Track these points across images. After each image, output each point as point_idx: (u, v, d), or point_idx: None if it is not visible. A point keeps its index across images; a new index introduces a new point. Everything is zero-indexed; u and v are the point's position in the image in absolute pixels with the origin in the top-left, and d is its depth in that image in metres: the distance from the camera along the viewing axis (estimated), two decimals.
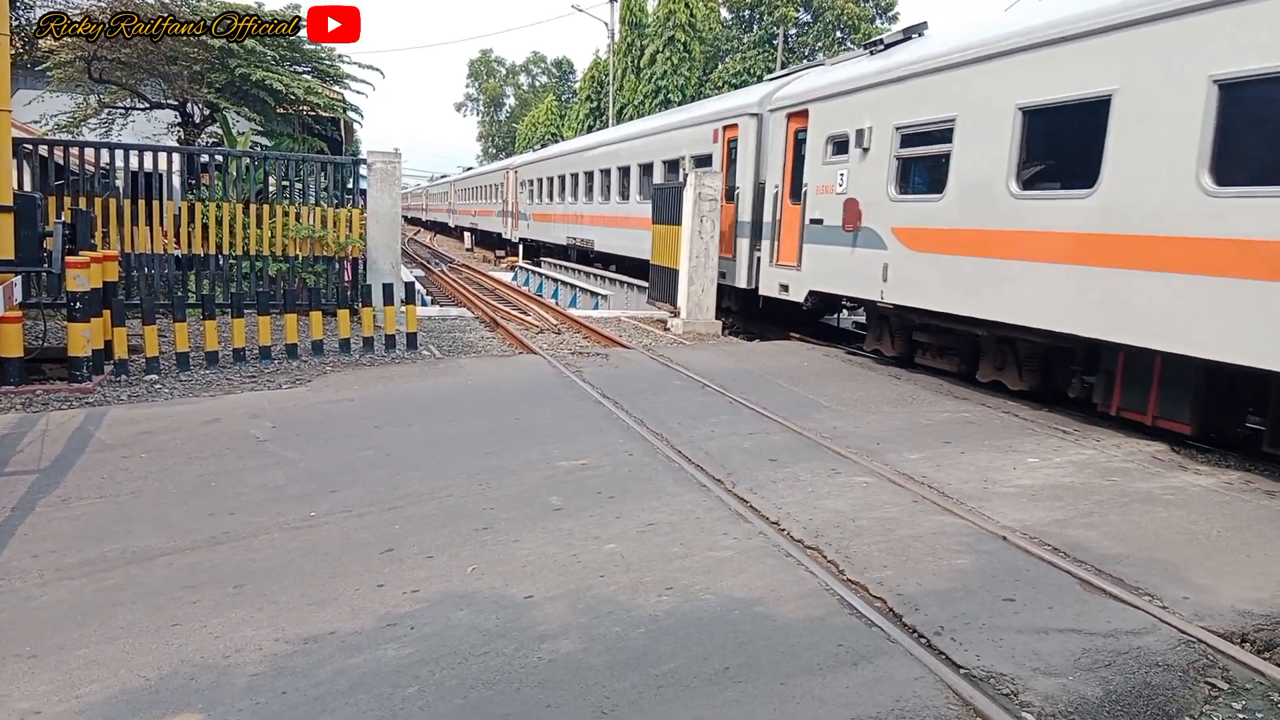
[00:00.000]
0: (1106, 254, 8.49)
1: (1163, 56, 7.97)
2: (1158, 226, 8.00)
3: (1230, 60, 7.37)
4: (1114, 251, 8.41)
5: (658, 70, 39.81)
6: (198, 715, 3.61)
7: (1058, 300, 9.05)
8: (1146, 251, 8.09)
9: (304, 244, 13.76)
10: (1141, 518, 6.29)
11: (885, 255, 11.73)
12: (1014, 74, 9.66)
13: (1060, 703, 3.82)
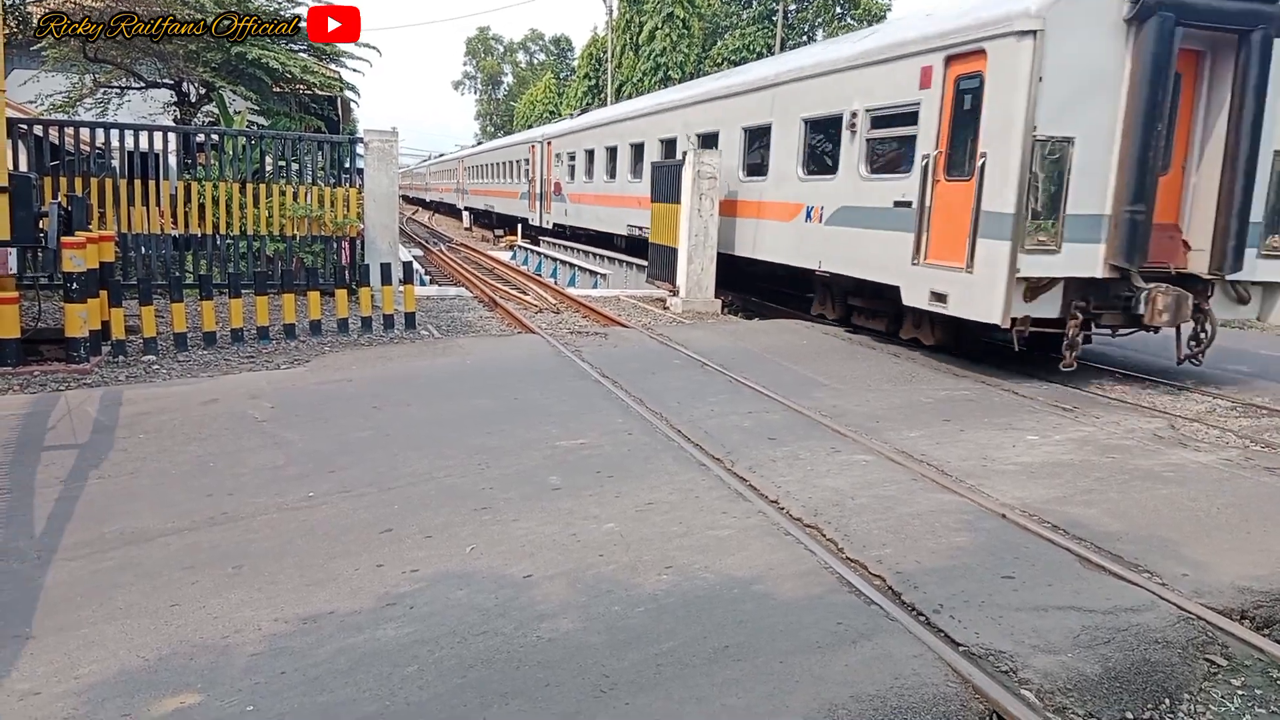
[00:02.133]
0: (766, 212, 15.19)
1: (787, 104, 14.39)
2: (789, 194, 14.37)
3: (809, 108, 13.75)
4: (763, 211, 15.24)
5: (656, 47, 39.56)
6: (197, 695, 3.61)
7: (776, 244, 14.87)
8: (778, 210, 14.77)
9: (301, 224, 13.71)
10: (1141, 495, 6.29)
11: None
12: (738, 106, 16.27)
13: (1059, 680, 3.82)
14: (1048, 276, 9.71)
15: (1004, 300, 9.56)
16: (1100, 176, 9.63)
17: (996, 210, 9.68)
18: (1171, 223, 10.20)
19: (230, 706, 3.53)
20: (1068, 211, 9.59)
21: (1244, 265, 9.96)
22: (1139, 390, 9.92)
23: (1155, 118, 9.37)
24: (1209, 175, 10.05)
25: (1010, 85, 9.61)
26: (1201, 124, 10.19)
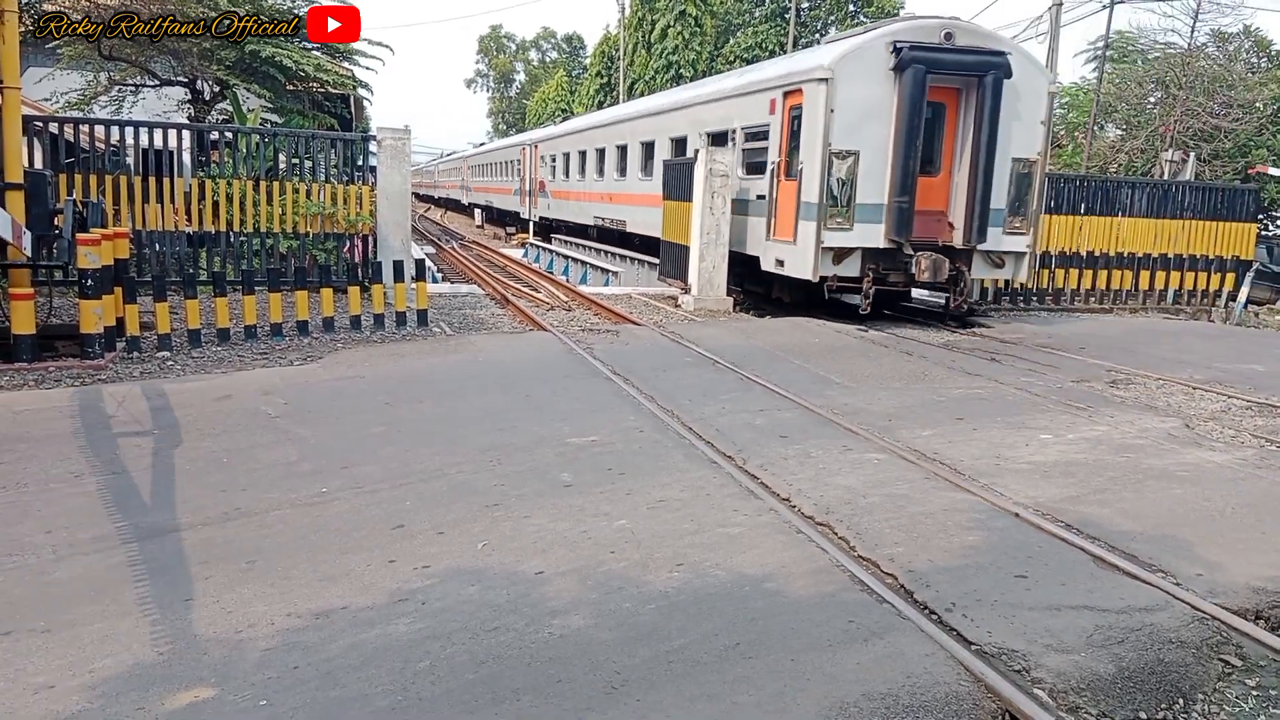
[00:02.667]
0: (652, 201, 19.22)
1: (695, 122, 18.50)
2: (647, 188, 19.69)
3: (709, 125, 17.69)
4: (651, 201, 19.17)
5: (669, 45, 39.49)
6: (210, 690, 3.63)
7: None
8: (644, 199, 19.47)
9: (314, 221, 13.74)
10: (1155, 494, 6.26)
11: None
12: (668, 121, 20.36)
13: (1072, 679, 3.81)
14: (846, 246, 13.89)
15: (814, 263, 13.81)
16: (879, 177, 13.67)
17: (809, 201, 13.85)
18: (941, 210, 14.29)
19: (244, 701, 3.55)
20: (857, 201, 13.69)
21: (990, 240, 14.12)
22: (1153, 390, 9.87)
23: (914, 136, 13.42)
24: (965, 176, 13.97)
25: (815, 114, 13.73)
26: (960, 139, 14.15)
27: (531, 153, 34.15)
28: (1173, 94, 28.47)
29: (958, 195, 14.16)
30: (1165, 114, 28.62)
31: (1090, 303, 17.75)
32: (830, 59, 13.74)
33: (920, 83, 13.25)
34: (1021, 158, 14.37)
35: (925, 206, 14.02)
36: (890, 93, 13.58)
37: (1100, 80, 29.96)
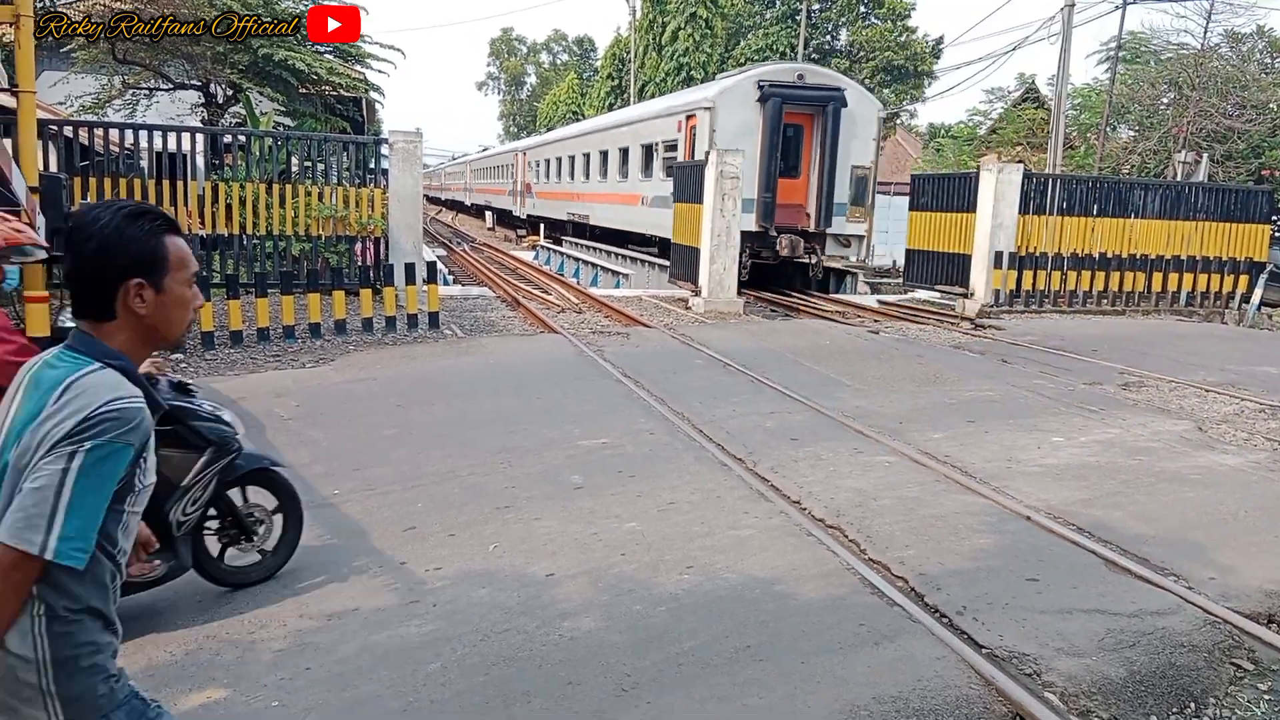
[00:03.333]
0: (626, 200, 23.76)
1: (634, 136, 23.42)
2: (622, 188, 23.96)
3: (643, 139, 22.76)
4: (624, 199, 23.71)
5: (680, 47, 39.47)
6: (223, 691, 3.65)
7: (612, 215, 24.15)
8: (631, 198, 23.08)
9: (326, 224, 13.79)
10: (1167, 498, 6.23)
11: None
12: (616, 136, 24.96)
13: (1084, 683, 3.80)
14: None
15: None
16: (750, 179, 17.59)
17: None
18: (800, 203, 19.12)
19: (256, 701, 3.57)
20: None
21: (836, 226, 19.01)
22: (1165, 392, 9.82)
23: (775, 149, 18.38)
24: (817, 178, 18.90)
25: (703, 132, 18.72)
26: (814, 151, 19.02)
27: (521, 158, 38.86)
28: (1186, 95, 28.33)
29: (812, 192, 19.10)
30: (1178, 115, 28.49)
31: (1102, 305, 17.67)
32: (713, 93, 19.45)
33: (778, 110, 18.36)
34: (859, 165, 19.28)
35: (788, 201, 18.95)
36: (757, 117, 18.63)
37: (1113, 81, 29.85)
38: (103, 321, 1.99)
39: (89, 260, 1.97)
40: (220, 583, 4.61)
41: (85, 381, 1.87)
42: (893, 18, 38.78)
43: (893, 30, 38.29)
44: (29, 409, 1.89)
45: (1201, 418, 8.64)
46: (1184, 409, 9.03)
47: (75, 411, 1.82)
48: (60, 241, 4.45)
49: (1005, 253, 16.44)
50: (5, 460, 1.88)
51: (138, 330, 2.01)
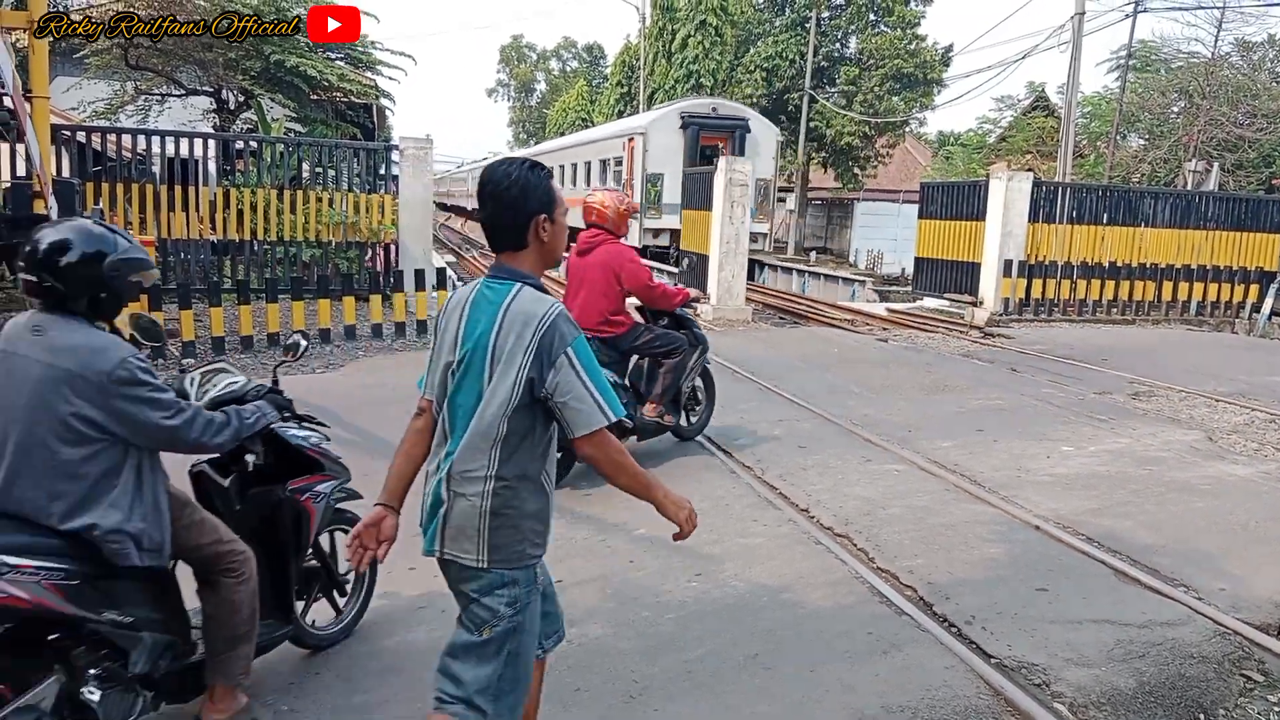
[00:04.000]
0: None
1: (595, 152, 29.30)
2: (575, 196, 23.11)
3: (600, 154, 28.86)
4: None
5: (689, 55, 39.46)
6: None
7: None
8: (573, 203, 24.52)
9: (337, 230, 13.84)
10: (1177, 508, 6.22)
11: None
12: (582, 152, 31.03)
13: (1093, 694, 3.79)
14: (658, 228, 24.33)
15: (638, 235, 23.67)
16: (675, 187, 22.20)
17: (638, 201, 23.68)
18: None
19: (268, 705, 3.58)
20: (664, 201, 23.89)
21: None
22: (1175, 402, 9.80)
23: (693, 165, 21.79)
24: None
25: (639, 152, 24.48)
26: None
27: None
28: (1196, 103, 28.29)
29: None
30: (1189, 124, 28.44)
31: (1112, 314, 17.63)
32: (646, 122, 26.11)
33: (695, 135, 24.74)
34: (761, 177, 23.82)
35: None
36: (680, 141, 24.85)
37: (1123, 90, 29.81)
38: (518, 251, 2.65)
39: (510, 204, 2.60)
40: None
41: (520, 301, 2.56)
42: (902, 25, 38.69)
43: (902, 38, 38.20)
44: (482, 323, 2.57)
45: (1212, 428, 8.62)
46: (1194, 419, 9.01)
47: (526, 324, 2.51)
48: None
49: (1015, 261, 16.41)
50: (466, 353, 2.59)
51: (540, 255, 2.67)
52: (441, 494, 2.65)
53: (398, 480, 2.89)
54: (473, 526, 2.59)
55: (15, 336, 2.93)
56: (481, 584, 2.61)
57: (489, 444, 2.56)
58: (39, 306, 2.94)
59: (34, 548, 2.76)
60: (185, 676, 3.23)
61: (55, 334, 2.87)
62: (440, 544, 2.68)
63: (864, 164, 41.22)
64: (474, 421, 2.57)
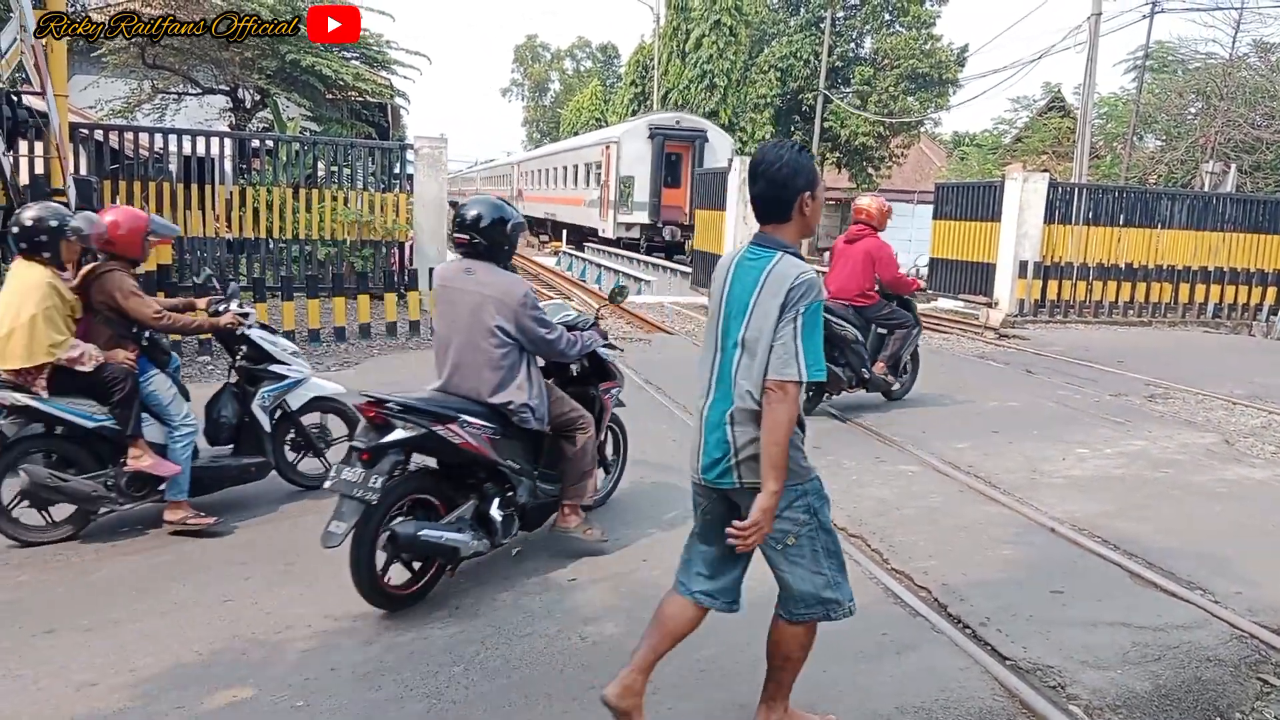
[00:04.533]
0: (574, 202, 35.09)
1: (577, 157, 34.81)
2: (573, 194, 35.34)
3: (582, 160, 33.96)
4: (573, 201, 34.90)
5: (703, 54, 39.38)
6: (249, 690, 3.68)
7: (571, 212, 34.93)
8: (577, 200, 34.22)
9: (352, 228, 13.88)
10: (1194, 510, 6.18)
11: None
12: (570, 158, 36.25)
13: (1108, 696, 3.77)
14: (630, 222, 28.99)
15: (613, 228, 29.23)
16: (644, 188, 28.62)
17: (612, 199, 29.16)
18: (680, 205, 28.34)
19: (282, 701, 3.60)
20: (634, 199, 28.74)
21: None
22: (1192, 404, 9.74)
23: (659, 170, 28.68)
24: (691, 188, 25.83)
25: (614, 158, 29.08)
26: (689, 171, 27.45)
27: (516, 169, 48.62)
28: (1213, 105, 28.08)
29: (687, 198, 27.62)
30: (1206, 125, 28.24)
31: (1128, 315, 17.54)
32: (620, 133, 30.38)
33: (661, 144, 28.59)
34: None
35: (671, 203, 28.96)
36: (648, 149, 28.81)
37: (1140, 91, 29.64)
38: (781, 224, 3.09)
39: (780, 182, 3.03)
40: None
41: (780, 266, 2.98)
42: (918, 25, 38.56)
43: (917, 38, 38.09)
44: (746, 285, 3.03)
45: (1229, 430, 8.57)
46: (1211, 421, 8.96)
47: (781, 286, 2.93)
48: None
49: (1030, 262, 16.34)
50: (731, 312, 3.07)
51: (800, 227, 3.11)
52: (726, 435, 3.07)
53: None
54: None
55: (451, 276, 4.69)
56: (781, 502, 3.00)
57: (759, 387, 2.97)
58: (463, 254, 4.68)
59: (477, 414, 4.50)
60: (537, 511, 5.01)
61: (481, 274, 4.58)
62: (738, 477, 3.07)
63: (878, 164, 41.11)
64: (745, 370, 3.02)
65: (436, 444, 4.41)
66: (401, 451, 4.36)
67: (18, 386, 4.96)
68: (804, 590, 3.15)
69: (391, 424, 4.32)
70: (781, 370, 2.90)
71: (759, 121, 39.54)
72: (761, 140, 38.84)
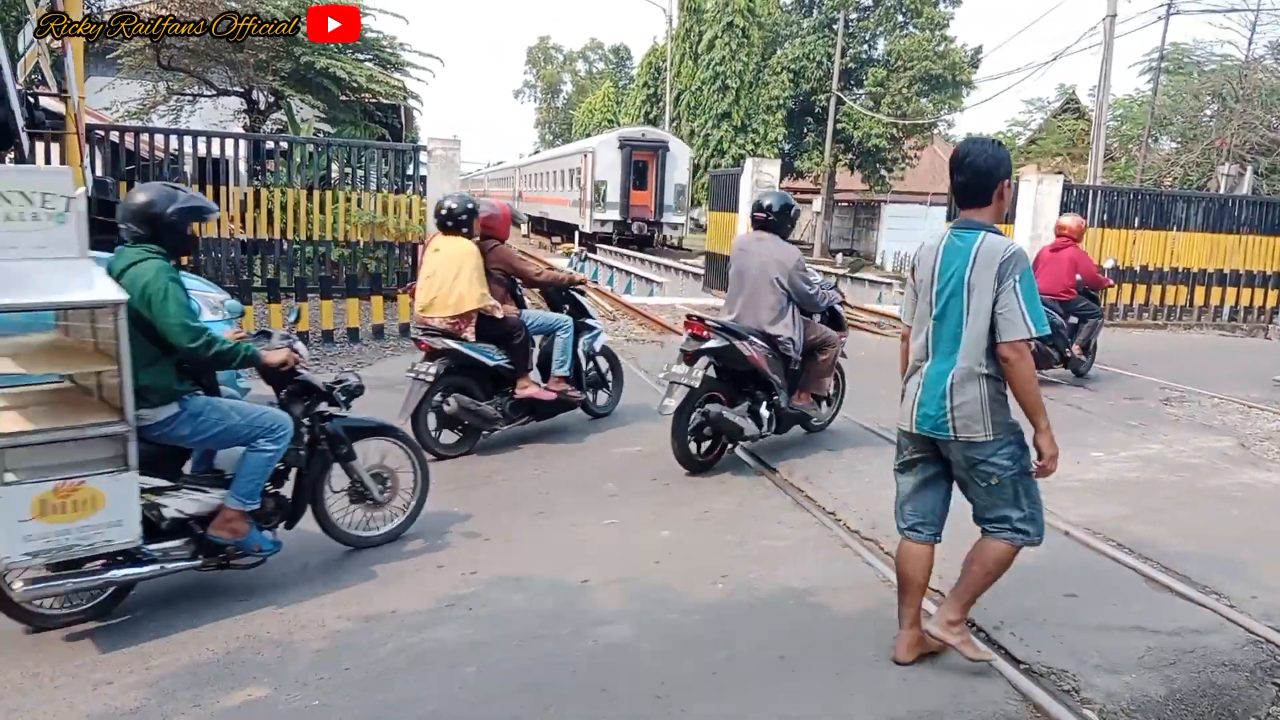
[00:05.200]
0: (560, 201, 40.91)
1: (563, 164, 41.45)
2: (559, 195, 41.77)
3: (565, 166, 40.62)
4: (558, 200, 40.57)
5: (716, 56, 39.39)
6: (264, 689, 3.70)
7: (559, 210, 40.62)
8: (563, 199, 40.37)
9: (365, 230, 13.92)
10: (1210, 514, 6.15)
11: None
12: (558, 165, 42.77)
13: (1123, 700, 3.76)
14: (604, 219, 34.89)
15: (590, 224, 35.13)
16: (616, 190, 34.64)
17: (589, 199, 35.09)
18: (646, 204, 35.13)
19: (296, 701, 3.62)
20: (606, 200, 34.67)
21: (666, 216, 35.61)
22: (1208, 408, 9.68)
23: (628, 175, 34.75)
24: (655, 191, 35.10)
25: (589, 166, 34.94)
26: (654, 176, 35.06)
27: (517, 172, 54.51)
28: (1229, 107, 27.93)
29: (653, 198, 34.51)
30: (1221, 127, 28.08)
31: (1143, 318, 17.43)
32: (595, 144, 35.94)
33: (630, 154, 33.77)
34: (679, 183, 35.38)
35: (639, 203, 34.61)
36: (619, 157, 34.01)
37: (1155, 92, 29.51)
38: (981, 208, 3.65)
39: (985, 171, 3.59)
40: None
41: (987, 243, 3.54)
42: (931, 27, 38.48)
43: (931, 39, 38.00)
44: (957, 263, 3.57)
45: (1245, 434, 8.51)
46: (1227, 425, 8.90)
47: (993, 260, 3.48)
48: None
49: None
50: (945, 287, 3.60)
51: (996, 211, 3.66)
52: (945, 395, 3.61)
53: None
54: (978, 412, 3.57)
55: (748, 242, 6.90)
56: (989, 450, 3.62)
57: (979, 352, 3.54)
58: (755, 228, 6.88)
59: (758, 338, 6.54)
60: (786, 418, 7.00)
61: (769, 242, 6.73)
62: (954, 431, 3.63)
63: (891, 166, 41.02)
64: (965, 337, 3.56)
65: (733, 354, 6.40)
66: (711, 356, 6.38)
67: (448, 334, 6.77)
68: (1001, 514, 3.74)
69: (707, 336, 6.34)
70: (1013, 332, 3.45)
71: (771, 123, 39.53)
72: (773, 141, 39.01)
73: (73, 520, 3.79)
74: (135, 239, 4.19)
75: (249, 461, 4.35)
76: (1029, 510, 3.73)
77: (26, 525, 3.69)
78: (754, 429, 6.58)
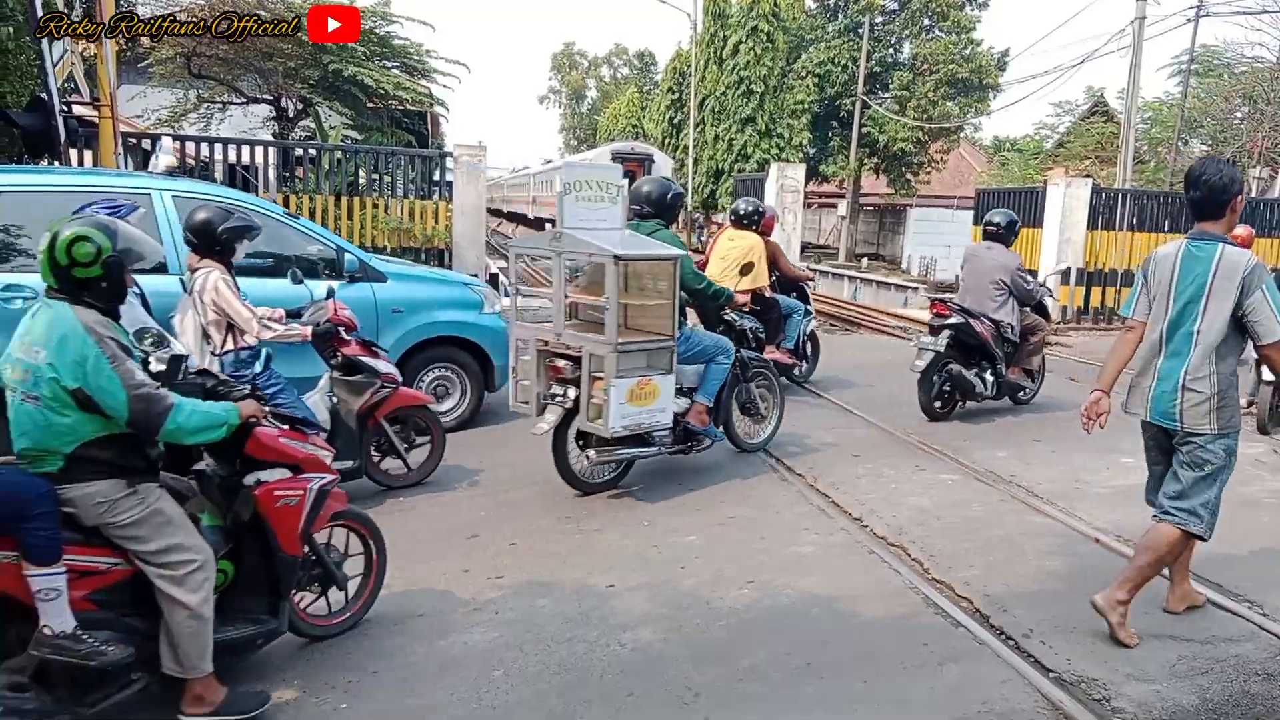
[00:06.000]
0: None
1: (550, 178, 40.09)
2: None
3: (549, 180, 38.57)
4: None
5: (740, 61, 39.31)
6: (294, 692, 3.74)
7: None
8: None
9: (392, 235, 14.01)
10: (1242, 522, 6.06)
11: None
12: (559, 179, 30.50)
13: (1154, 710, 3.72)
14: None
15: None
16: None
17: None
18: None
19: (325, 704, 3.65)
20: None
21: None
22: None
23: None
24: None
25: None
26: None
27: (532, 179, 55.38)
28: (1260, 109, 27.62)
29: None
30: (1252, 130, 27.78)
31: None
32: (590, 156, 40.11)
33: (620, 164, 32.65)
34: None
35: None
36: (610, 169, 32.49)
37: (1184, 95, 29.21)
38: (1216, 220, 4.05)
39: (1222, 187, 3.99)
40: None
41: (1228, 255, 3.92)
42: (957, 30, 38.25)
43: (957, 43, 37.80)
44: (1199, 272, 3.98)
45: (1276, 441, 8.40)
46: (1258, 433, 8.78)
47: (1235, 272, 3.88)
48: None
49: (1073, 269, 16.14)
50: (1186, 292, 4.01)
51: (1228, 223, 4.08)
52: (1177, 390, 4.01)
53: (1111, 374, 4.38)
54: (1207, 408, 3.96)
55: (979, 250, 8.77)
56: (1209, 440, 4.02)
57: (1212, 353, 3.93)
58: (987, 238, 8.76)
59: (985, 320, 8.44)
60: (1005, 388, 8.80)
61: (996, 250, 8.57)
62: (1181, 423, 4.03)
63: (917, 170, 40.80)
64: (1200, 340, 3.95)
65: (967, 330, 8.19)
66: (951, 330, 8.16)
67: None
68: (1186, 493, 4.10)
69: (948, 314, 8.23)
70: (1271, 334, 3.84)
71: (796, 128, 39.40)
72: (798, 145, 38.91)
73: (644, 405, 5.65)
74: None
75: (711, 370, 6.31)
76: (1213, 501, 4.12)
77: (624, 407, 5.51)
78: (983, 389, 8.35)
